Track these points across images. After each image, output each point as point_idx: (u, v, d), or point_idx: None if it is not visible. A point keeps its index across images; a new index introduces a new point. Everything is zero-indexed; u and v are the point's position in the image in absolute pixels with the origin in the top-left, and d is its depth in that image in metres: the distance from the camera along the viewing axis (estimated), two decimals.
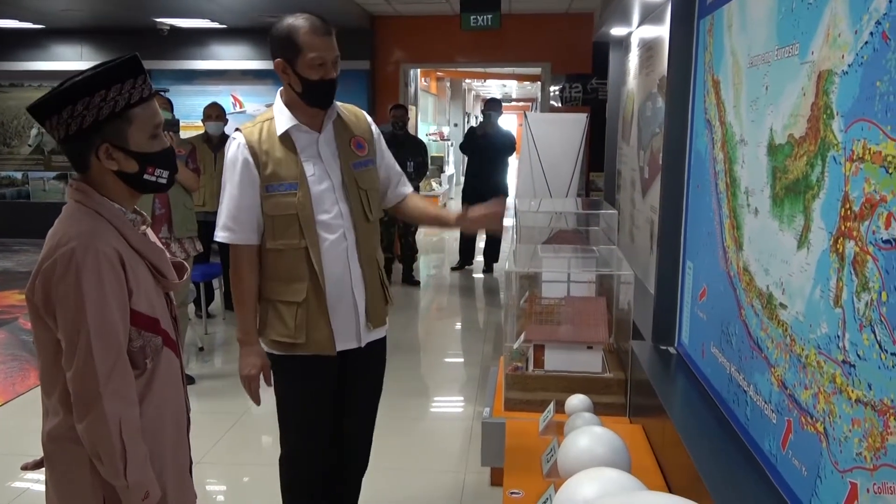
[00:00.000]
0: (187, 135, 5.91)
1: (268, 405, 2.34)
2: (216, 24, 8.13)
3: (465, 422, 3.96)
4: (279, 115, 2.16)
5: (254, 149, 2.13)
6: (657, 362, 2.80)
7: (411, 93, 9.39)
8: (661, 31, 4.45)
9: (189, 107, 8.22)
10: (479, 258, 7.96)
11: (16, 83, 9.19)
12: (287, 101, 2.17)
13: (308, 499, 2.36)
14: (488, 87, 20.41)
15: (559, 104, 8.20)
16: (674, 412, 2.31)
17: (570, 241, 4.07)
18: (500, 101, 7.84)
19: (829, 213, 1.50)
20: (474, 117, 20.68)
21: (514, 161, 8.11)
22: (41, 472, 1.58)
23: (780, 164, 1.78)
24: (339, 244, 2.17)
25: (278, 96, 2.20)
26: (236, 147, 2.15)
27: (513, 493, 2.16)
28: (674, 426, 2.19)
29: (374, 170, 2.28)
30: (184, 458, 1.70)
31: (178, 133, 4.83)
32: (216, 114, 5.69)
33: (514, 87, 20.11)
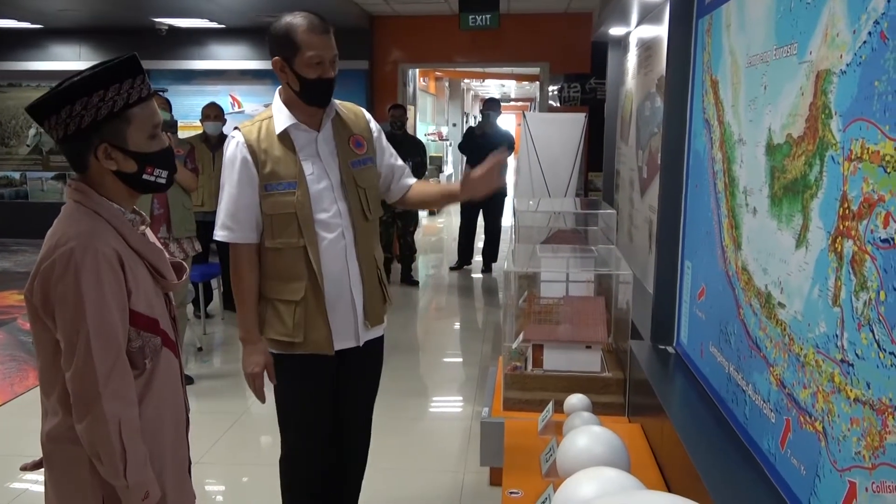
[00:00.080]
0: (186, 135, 5.91)
1: (267, 405, 2.34)
2: (214, 24, 8.13)
3: (463, 421, 3.96)
4: (278, 114, 2.16)
5: (252, 148, 2.13)
6: (656, 362, 2.80)
7: (410, 93, 9.39)
8: (660, 31, 4.45)
9: (187, 107, 8.22)
10: (478, 258, 7.97)
11: (14, 83, 9.18)
12: (286, 100, 2.17)
13: (308, 499, 2.36)
14: (487, 87, 20.41)
15: (558, 104, 8.20)
16: (672, 411, 2.31)
17: (568, 241, 4.07)
18: (499, 100, 7.84)
19: (828, 212, 1.50)
20: (473, 117, 20.67)
21: (512, 161, 8.11)
22: (40, 473, 1.58)
23: (779, 164, 1.78)
24: (337, 243, 2.17)
25: (277, 95, 2.20)
26: (235, 146, 2.15)
27: (512, 493, 2.16)
28: (672, 425, 2.19)
29: (373, 168, 2.28)
30: (183, 458, 1.70)
31: (176, 134, 4.84)
32: (214, 114, 5.69)
33: (512, 87, 20.11)
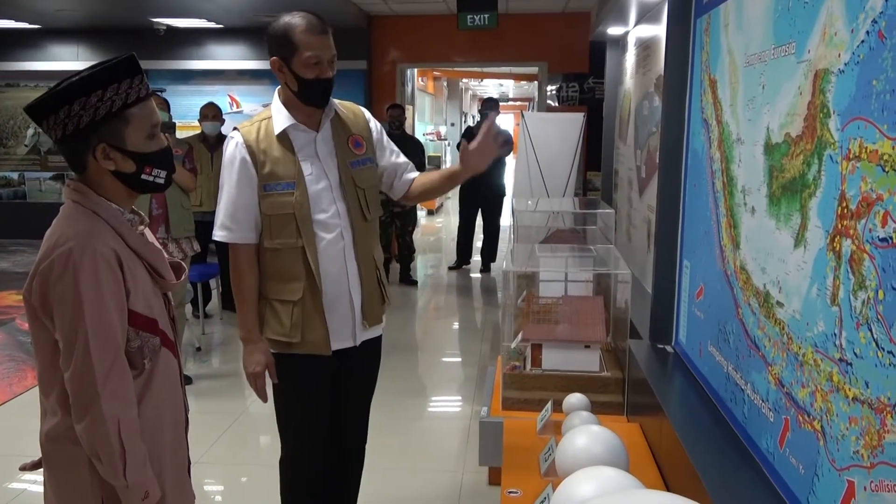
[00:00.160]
0: (184, 135, 5.91)
1: (266, 405, 2.34)
2: (213, 24, 8.12)
3: (462, 421, 3.96)
4: (277, 115, 2.16)
5: (251, 148, 2.13)
6: (654, 361, 2.80)
7: (408, 92, 9.39)
8: (658, 31, 4.45)
9: (186, 107, 8.22)
10: (477, 258, 7.97)
11: (12, 83, 9.17)
12: (284, 101, 2.17)
13: (309, 499, 2.36)
14: (485, 87, 20.42)
15: (556, 103, 8.19)
16: (671, 411, 2.31)
17: (567, 241, 4.07)
18: (497, 100, 7.83)
19: (826, 211, 1.50)
20: (471, 117, 20.67)
21: (511, 161, 8.11)
22: (39, 473, 1.58)
23: (777, 163, 1.78)
24: (336, 243, 2.17)
25: (276, 95, 2.19)
26: (234, 146, 2.15)
27: (511, 493, 2.16)
28: (671, 425, 2.19)
29: (372, 168, 2.28)
30: (182, 459, 1.70)
31: (174, 134, 4.83)
32: (213, 114, 5.69)
33: (510, 87, 20.12)
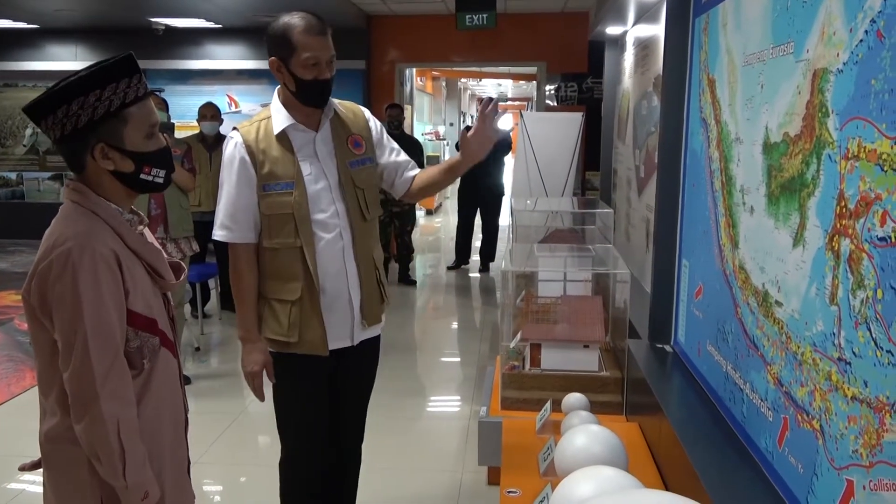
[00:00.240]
0: (183, 134, 5.91)
1: (264, 405, 2.34)
2: (211, 24, 8.12)
3: (461, 421, 3.96)
4: (276, 115, 2.16)
5: (251, 148, 2.13)
6: (653, 361, 2.80)
7: (407, 92, 9.39)
8: (657, 30, 4.45)
9: (184, 107, 8.22)
10: (476, 257, 7.97)
11: (10, 83, 9.17)
12: (284, 101, 2.17)
13: (309, 499, 2.36)
14: (484, 87, 20.42)
15: (555, 103, 8.20)
16: (670, 410, 2.31)
17: (566, 240, 4.07)
18: (497, 100, 7.83)
19: (825, 210, 1.50)
20: (470, 116, 20.68)
21: (510, 160, 8.11)
22: (38, 473, 1.58)
23: (776, 163, 1.78)
24: (335, 243, 2.17)
25: (276, 95, 2.19)
26: (233, 146, 2.15)
27: (510, 492, 2.16)
28: (670, 424, 2.19)
29: (371, 168, 2.28)
30: (182, 459, 1.70)
31: (172, 134, 4.83)
32: (211, 114, 5.68)
33: (509, 87, 20.12)
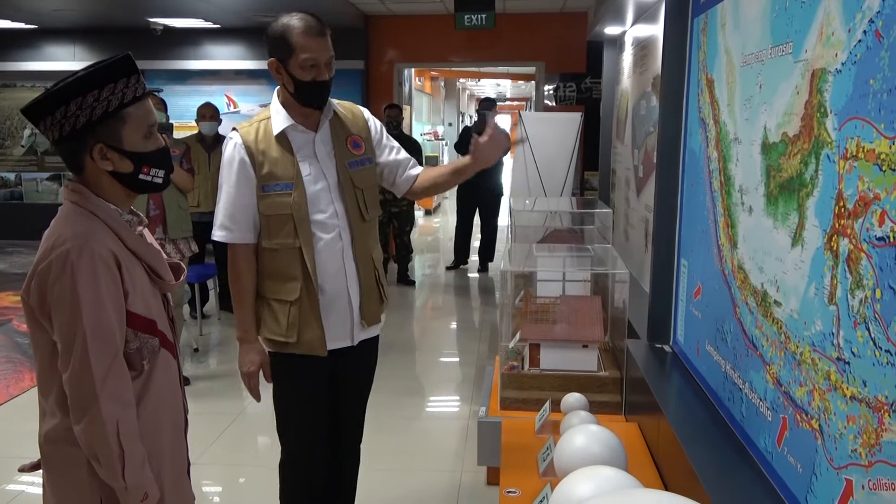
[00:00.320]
0: (181, 135, 5.90)
1: (263, 405, 2.34)
2: (210, 24, 8.11)
3: (461, 421, 3.96)
4: (275, 115, 2.16)
5: (250, 148, 2.13)
6: (652, 360, 2.80)
7: (405, 92, 9.39)
8: (655, 30, 4.46)
9: (183, 107, 8.21)
10: (475, 257, 7.97)
11: (8, 84, 9.15)
12: (283, 101, 2.17)
13: (308, 501, 2.36)
14: (482, 87, 20.43)
15: (553, 103, 8.20)
16: (669, 410, 2.32)
17: (565, 240, 4.08)
18: (495, 100, 7.83)
19: (824, 210, 1.50)
20: (468, 116, 20.68)
21: (508, 160, 8.11)
22: (38, 474, 1.58)
23: (774, 163, 1.79)
24: (334, 244, 2.17)
25: (275, 96, 2.19)
26: (233, 147, 2.15)
27: (509, 492, 2.16)
28: (669, 424, 2.19)
29: (371, 168, 2.27)
30: (181, 460, 1.69)
31: (171, 135, 4.82)
32: (210, 114, 5.68)
33: (508, 87, 20.12)
